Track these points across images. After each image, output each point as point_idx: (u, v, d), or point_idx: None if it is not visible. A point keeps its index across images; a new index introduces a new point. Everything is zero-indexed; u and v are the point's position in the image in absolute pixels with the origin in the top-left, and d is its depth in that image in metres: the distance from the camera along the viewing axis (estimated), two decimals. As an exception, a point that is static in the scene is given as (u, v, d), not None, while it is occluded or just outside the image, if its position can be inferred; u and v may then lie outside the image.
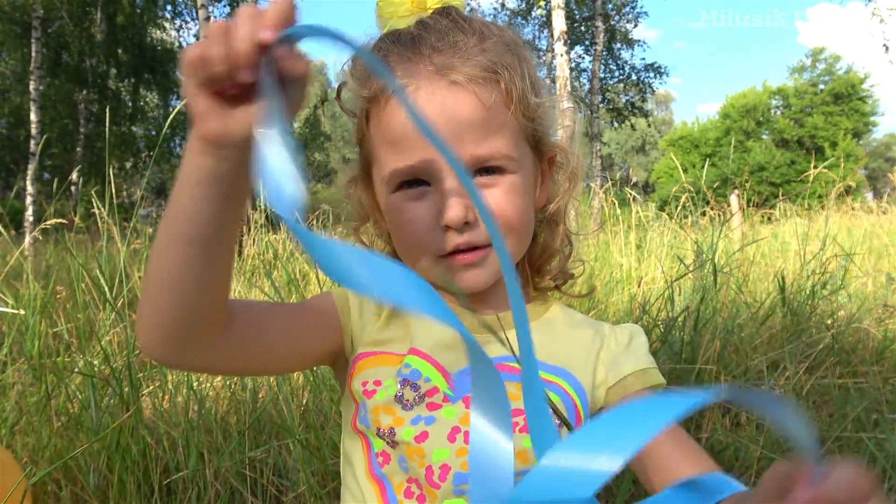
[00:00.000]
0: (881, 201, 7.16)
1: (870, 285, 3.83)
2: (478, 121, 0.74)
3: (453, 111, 0.73)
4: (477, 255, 0.77)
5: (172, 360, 0.73)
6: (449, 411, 0.76)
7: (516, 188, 0.78)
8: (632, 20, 17.16)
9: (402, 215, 0.77)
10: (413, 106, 0.45)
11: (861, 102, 34.79)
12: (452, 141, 0.72)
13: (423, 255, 0.78)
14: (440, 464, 0.73)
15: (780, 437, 1.78)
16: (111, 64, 17.47)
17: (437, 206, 0.75)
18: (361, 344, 0.82)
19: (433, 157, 0.73)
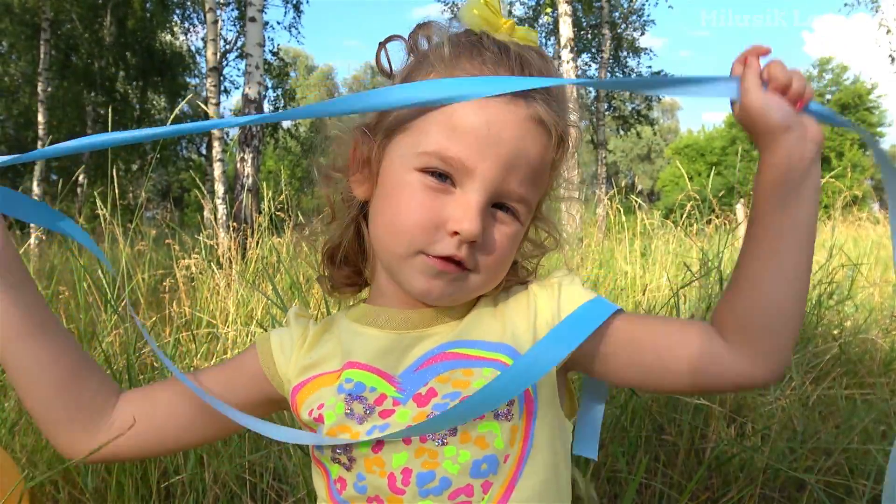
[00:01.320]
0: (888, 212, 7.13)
1: (877, 296, 3.80)
2: (536, 165, 0.76)
3: (526, 142, 0.74)
4: (457, 271, 0.75)
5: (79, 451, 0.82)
6: (402, 414, 0.75)
7: (516, 238, 0.79)
8: (638, 28, 17.19)
9: (414, 195, 0.74)
10: None
11: (868, 113, 34.72)
12: (507, 168, 0.73)
13: (410, 243, 0.74)
14: (401, 468, 0.73)
15: (786, 448, 1.75)
16: (120, 67, 17.56)
17: (456, 213, 0.72)
18: (293, 377, 0.82)
19: (483, 167, 0.72)
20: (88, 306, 2.53)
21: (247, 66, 7.87)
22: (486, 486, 0.73)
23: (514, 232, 0.78)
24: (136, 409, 0.83)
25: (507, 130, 0.72)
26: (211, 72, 11.82)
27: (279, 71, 17.51)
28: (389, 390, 0.76)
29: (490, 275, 0.78)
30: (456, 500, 0.72)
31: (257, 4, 7.99)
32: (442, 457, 0.72)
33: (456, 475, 0.72)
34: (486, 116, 0.71)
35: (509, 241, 0.77)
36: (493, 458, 0.73)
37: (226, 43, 16.14)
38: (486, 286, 0.79)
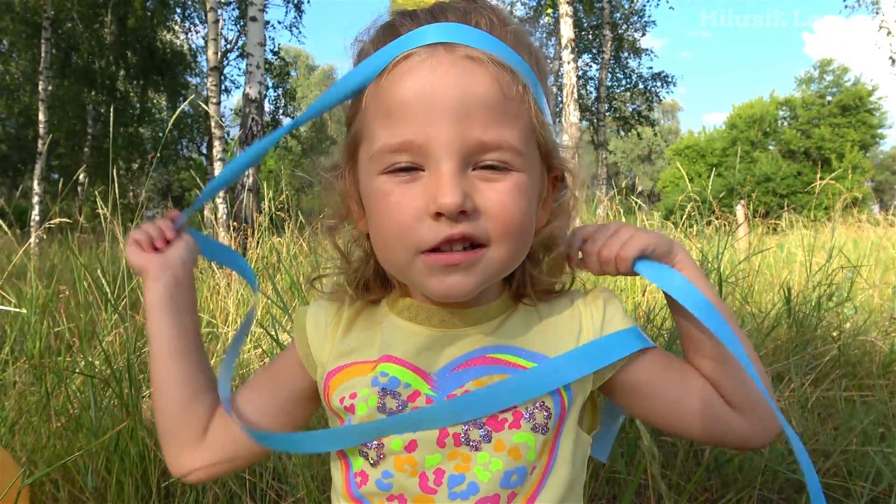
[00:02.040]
0: (888, 214, 7.12)
1: (876, 298, 3.80)
2: (492, 101, 0.66)
3: (466, 86, 0.65)
4: (467, 257, 0.67)
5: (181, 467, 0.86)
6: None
7: (522, 188, 0.69)
8: (639, 29, 17.18)
9: (388, 198, 0.68)
10: None
11: (868, 115, 34.70)
12: (459, 123, 0.65)
13: (405, 248, 0.68)
14: (434, 469, 0.72)
15: (785, 450, 1.76)
16: (120, 66, 17.56)
17: (431, 192, 0.65)
18: (328, 362, 0.81)
19: (433, 134, 0.65)
20: (89, 305, 2.53)
21: (248, 66, 7.86)
22: (511, 496, 0.72)
23: (512, 184, 0.68)
24: (217, 426, 0.86)
25: (437, 86, 0.65)
26: (212, 71, 11.82)
27: (280, 70, 17.51)
28: (424, 387, 0.75)
29: (509, 242, 0.69)
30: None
31: (258, 4, 7.98)
32: (474, 462, 0.72)
33: (486, 483, 0.71)
34: (411, 84, 0.66)
35: (511, 195, 0.68)
36: (524, 469, 0.72)
37: (227, 42, 16.15)
38: (513, 257, 0.71)
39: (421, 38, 0.67)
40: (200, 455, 0.84)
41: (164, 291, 0.84)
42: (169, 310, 0.83)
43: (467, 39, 0.67)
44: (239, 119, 15.69)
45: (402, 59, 0.67)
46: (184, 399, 0.84)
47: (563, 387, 0.74)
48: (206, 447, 0.85)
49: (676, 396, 0.79)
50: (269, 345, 2.67)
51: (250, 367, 2.46)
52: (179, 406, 0.84)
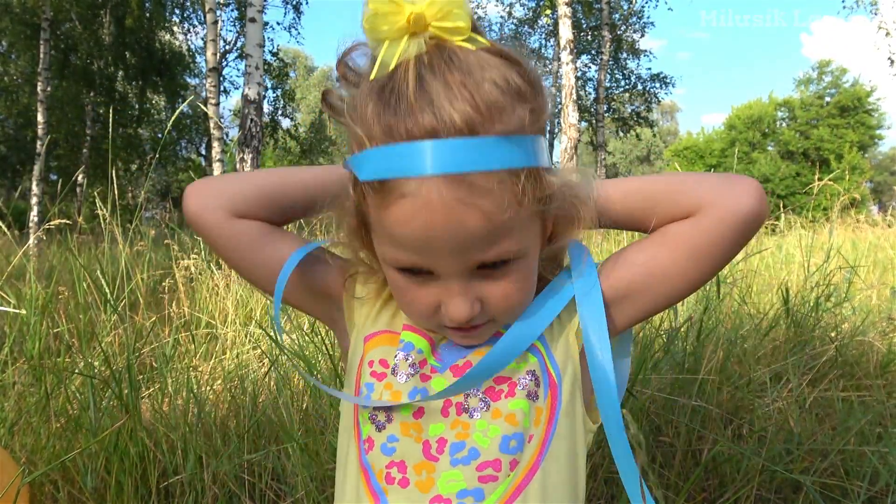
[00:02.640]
0: (886, 214, 7.13)
1: (874, 298, 3.81)
2: (483, 235, 0.69)
3: (458, 226, 0.67)
4: (478, 329, 0.77)
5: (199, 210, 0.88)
6: (438, 382, 0.79)
7: (522, 270, 0.75)
8: (638, 30, 17.20)
9: (406, 294, 0.77)
10: None
11: (867, 115, 34.74)
12: (455, 255, 0.70)
13: (425, 324, 0.81)
14: (437, 437, 0.77)
15: (783, 450, 1.76)
16: (119, 66, 17.56)
17: (440, 298, 0.74)
18: (364, 326, 0.87)
19: (437, 265, 0.71)
20: (88, 306, 2.54)
21: (246, 67, 7.87)
22: (514, 463, 0.76)
23: (514, 275, 0.74)
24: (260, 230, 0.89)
25: (434, 232, 0.67)
26: (211, 72, 11.82)
27: (279, 72, 17.51)
28: (430, 358, 0.81)
29: (514, 311, 0.78)
30: (483, 472, 0.75)
31: (257, 5, 7.99)
32: (473, 429, 0.76)
33: (486, 448, 0.75)
34: (410, 230, 0.68)
35: (513, 285, 0.75)
36: (521, 436, 0.76)
37: (225, 43, 16.15)
38: (518, 314, 0.79)
39: (411, 166, 0.65)
40: (230, 223, 0.87)
41: None
42: None
43: (453, 165, 0.65)
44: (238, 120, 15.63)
45: (399, 198, 0.66)
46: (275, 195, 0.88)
47: (548, 357, 0.80)
48: (239, 227, 0.87)
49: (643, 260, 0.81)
50: (268, 345, 2.67)
51: (249, 368, 2.46)
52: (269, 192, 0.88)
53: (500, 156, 0.67)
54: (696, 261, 0.79)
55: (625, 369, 0.92)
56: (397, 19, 0.66)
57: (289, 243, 0.89)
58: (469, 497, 0.74)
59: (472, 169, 0.65)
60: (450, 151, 0.65)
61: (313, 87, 42.48)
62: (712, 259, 0.79)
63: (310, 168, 0.91)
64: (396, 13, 0.66)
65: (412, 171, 0.65)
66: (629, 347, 0.93)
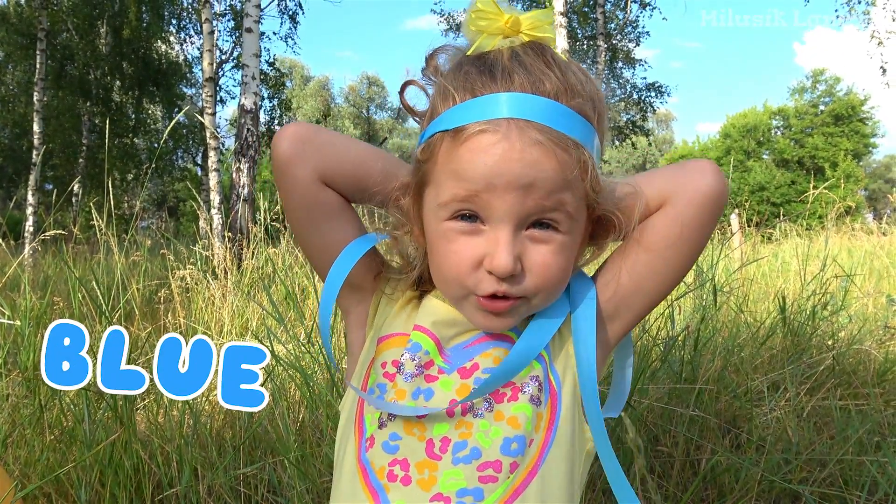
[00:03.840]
0: (881, 223, 7.15)
1: (870, 306, 3.81)
2: (552, 178, 0.73)
3: (532, 162, 0.72)
4: (508, 304, 0.78)
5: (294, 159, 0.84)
6: (445, 383, 0.81)
7: (565, 249, 0.78)
8: (633, 40, 17.28)
9: (450, 245, 0.78)
10: None
11: (861, 124, 34.90)
12: (521, 195, 0.73)
13: (460, 287, 0.79)
14: (441, 437, 0.79)
15: (781, 459, 1.76)
16: (116, 76, 17.56)
17: (487, 249, 0.76)
18: (381, 326, 0.89)
19: (498, 202, 0.74)
20: (83, 317, 2.52)
21: (243, 77, 7.88)
22: (514, 466, 0.77)
23: (557, 246, 0.77)
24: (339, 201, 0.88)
25: (507, 166, 0.72)
26: (207, 82, 11.84)
27: (275, 81, 17.54)
28: (438, 359, 0.83)
29: (545, 294, 0.80)
30: (484, 473, 0.77)
31: (254, 16, 8.01)
32: (476, 429, 0.78)
33: (487, 448, 0.77)
34: (483, 160, 0.73)
35: (554, 256, 0.77)
36: (523, 438, 0.78)
37: (222, 53, 16.18)
38: (547, 302, 0.82)
39: (496, 110, 0.73)
40: (317, 186, 0.85)
41: None
42: None
43: (538, 116, 0.73)
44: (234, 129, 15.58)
45: (478, 132, 0.74)
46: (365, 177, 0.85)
47: (550, 366, 0.83)
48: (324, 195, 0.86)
49: (628, 265, 0.84)
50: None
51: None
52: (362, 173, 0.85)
53: (576, 127, 0.75)
54: (676, 249, 0.83)
55: (628, 376, 0.95)
56: (498, 20, 0.77)
57: (353, 228, 0.89)
58: (469, 496, 0.76)
59: (553, 125, 0.73)
60: (538, 105, 0.73)
61: (309, 97, 42.49)
62: (689, 243, 0.83)
63: (388, 156, 0.90)
64: (498, 15, 0.77)
65: (499, 113, 0.73)
66: (630, 353, 0.95)
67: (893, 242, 6.41)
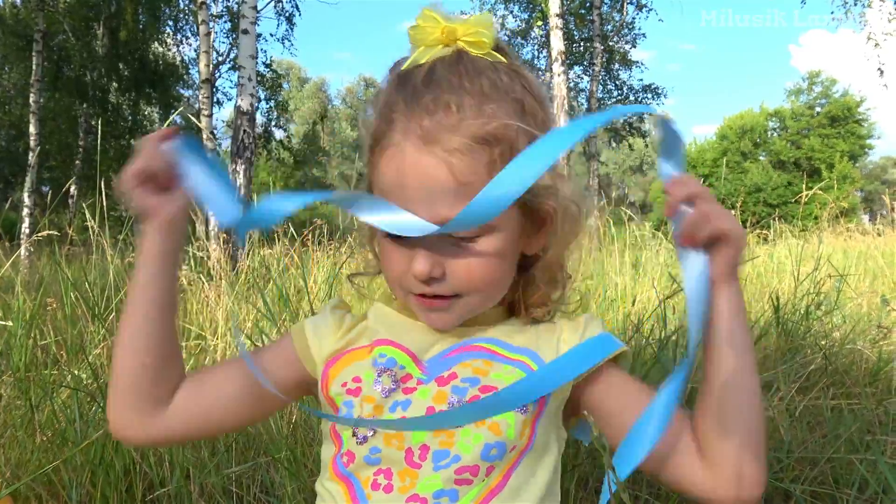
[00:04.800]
0: (876, 223, 7.17)
1: (864, 306, 3.82)
2: (449, 189, 0.75)
3: (425, 177, 0.75)
4: (441, 303, 0.81)
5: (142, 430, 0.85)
6: (423, 392, 0.81)
7: (491, 248, 0.79)
8: (630, 41, 17.33)
9: (385, 257, 0.84)
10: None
11: (857, 125, 35.05)
12: (424, 203, 0.75)
13: (400, 289, 0.84)
14: (419, 444, 0.79)
15: (773, 458, 1.76)
16: (112, 78, 17.56)
17: (411, 256, 0.79)
18: (326, 357, 0.87)
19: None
20: (77, 318, 2.52)
21: (239, 78, 7.88)
22: (490, 469, 0.78)
23: (481, 248, 0.79)
24: (185, 395, 0.86)
25: (410, 177, 0.76)
26: (203, 83, 11.84)
27: (272, 83, 17.55)
28: (415, 371, 0.83)
29: (481, 292, 0.82)
30: (461, 476, 0.78)
31: (250, 17, 8.02)
32: (458, 437, 0.79)
33: (468, 454, 0.78)
34: (395, 174, 0.77)
35: (478, 259, 0.79)
36: (503, 444, 0.79)
37: (218, 55, 16.18)
38: (487, 300, 0.84)
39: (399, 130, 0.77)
40: (159, 421, 0.84)
41: (170, 240, 0.82)
42: (170, 261, 0.83)
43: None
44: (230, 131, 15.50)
45: (385, 148, 0.78)
46: (162, 358, 0.83)
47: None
48: (168, 415, 0.84)
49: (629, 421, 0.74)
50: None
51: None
52: (154, 366, 0.83)
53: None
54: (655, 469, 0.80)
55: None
56: (434, 31, 0.80)
57: (222, 374, 0.89)
58: (444, 497, 0.77)
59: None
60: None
61: (306, 99, 42.48)
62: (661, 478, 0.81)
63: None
64: (434, 27, 0.80)
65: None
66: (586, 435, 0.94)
67: (888, 243, 6.42)
